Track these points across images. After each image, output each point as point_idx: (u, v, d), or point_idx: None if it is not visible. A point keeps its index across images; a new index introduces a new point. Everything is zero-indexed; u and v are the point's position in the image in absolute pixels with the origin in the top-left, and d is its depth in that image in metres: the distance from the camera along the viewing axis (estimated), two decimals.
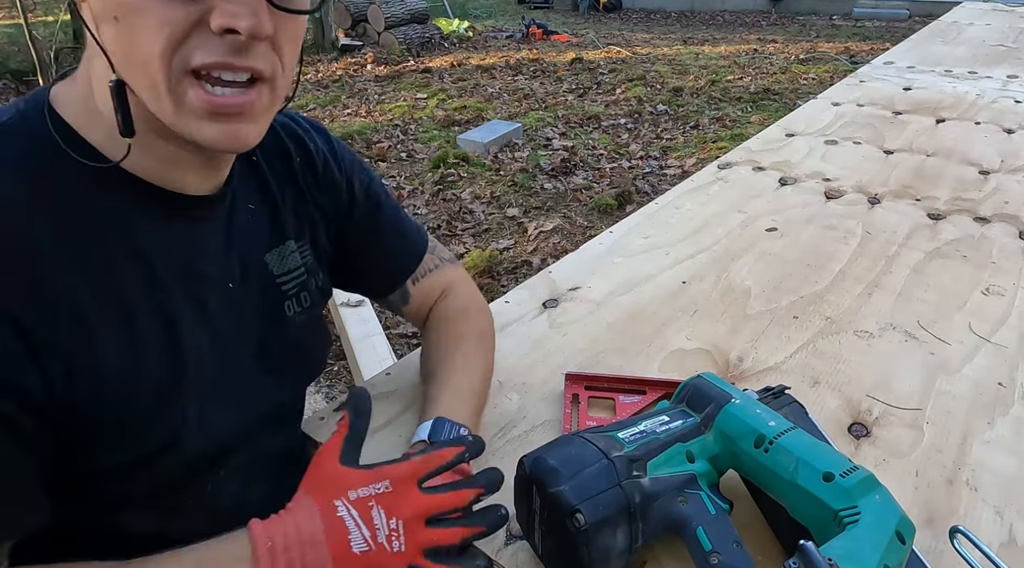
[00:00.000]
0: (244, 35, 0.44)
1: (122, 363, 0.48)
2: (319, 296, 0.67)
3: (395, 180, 3.78)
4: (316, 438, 0.68)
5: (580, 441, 0.51)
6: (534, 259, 2.93)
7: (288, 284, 0.63)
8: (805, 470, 0.48)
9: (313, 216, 0.68)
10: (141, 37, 0.44)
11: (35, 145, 0.47)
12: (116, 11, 0.44)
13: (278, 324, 0.62)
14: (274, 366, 0.62)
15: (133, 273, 0.50)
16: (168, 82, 0.45)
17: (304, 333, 0.65)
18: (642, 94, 5.20)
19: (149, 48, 0.44)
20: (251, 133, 0.49)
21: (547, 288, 0.94)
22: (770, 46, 6.98)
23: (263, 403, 0.61)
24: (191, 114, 0.46)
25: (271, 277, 0.62)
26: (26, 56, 5.48)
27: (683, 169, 3.74)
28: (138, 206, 0.51)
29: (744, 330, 0.84)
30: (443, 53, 7.06)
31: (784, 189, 1.23)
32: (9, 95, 5.78)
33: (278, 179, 0.64)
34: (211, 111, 0.46)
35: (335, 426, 0.53)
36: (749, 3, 9.58)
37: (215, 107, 0.46)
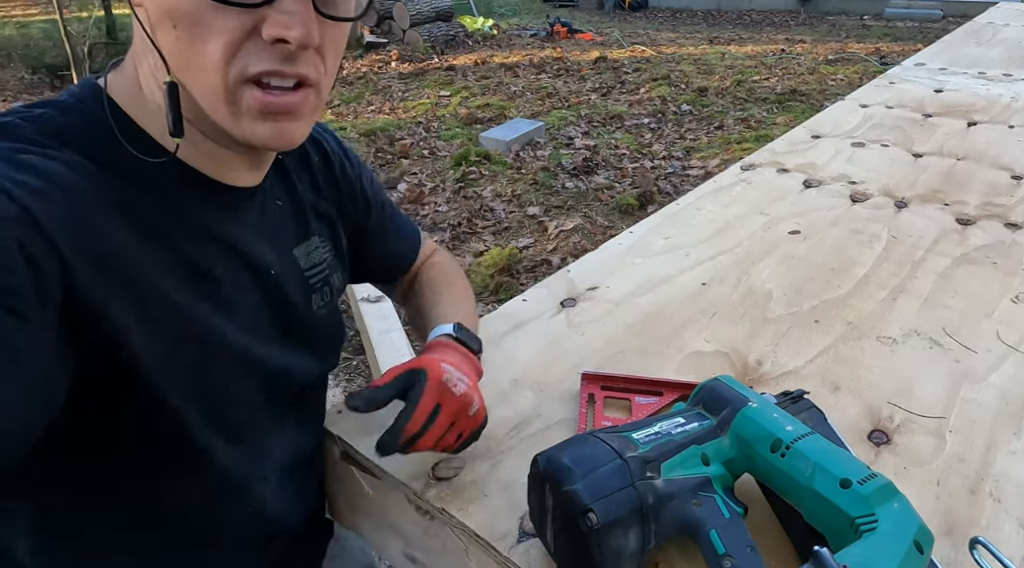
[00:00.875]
0: (294, 45, 0.46)
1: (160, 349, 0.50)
2: (338, 292, 0.70)
3: (417, 177, 3.80)
4: (333, 431, 0.69)
5: (594, 440, 0.51)
6: (554, 258, 2.93)
7: (314, 279, 0.65)
8: (822, 476, 0.48)
9: (331, 214, 0.70)
10: (198, 45, 0.46)
11: (94, 125, 0.50)
12: (174, 19, 0.46)
13: (306, 316, 0.64)
14: (300, 352, 0.64)
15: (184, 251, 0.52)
16: (226, 89, 0.48)
17: (326, 326, 0.67)
18: (666, 94, 5.17)
19: (207, 56, 0.47)
20: (298, 132, 0.51)
21: (565, 287, 0.94)
22: (798, 46, 6.88)
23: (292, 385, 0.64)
24: (246, 116, 0.49)
25: (300, 271, 0.64)
26: (60, 51, 5.60)
27: (706, 170, 3.71)
28: (189, 193, 0.53)
29: (764, 333, 0.83)
30: (467, 51, 7.07)
31: (808, 191, 1.22)
32: (43, 89, 5.92)
33: (300, 178, 0.66)
34: (264, 112, 0.48)
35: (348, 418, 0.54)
36: (777, 2, 9.46)
37: (268, 107, 0.48)
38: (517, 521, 0.58)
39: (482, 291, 2.76)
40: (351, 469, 0.68)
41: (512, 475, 0.62)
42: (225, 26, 0.46)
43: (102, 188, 0.47)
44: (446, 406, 0.59)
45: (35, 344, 0.40)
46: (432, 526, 0.61)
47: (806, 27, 8.33)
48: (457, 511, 0.59)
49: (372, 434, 0.68)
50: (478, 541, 0.57)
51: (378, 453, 0.59)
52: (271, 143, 0.51)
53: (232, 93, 0.48)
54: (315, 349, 0.66)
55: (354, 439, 0.67)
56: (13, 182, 0.42)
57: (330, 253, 0.68)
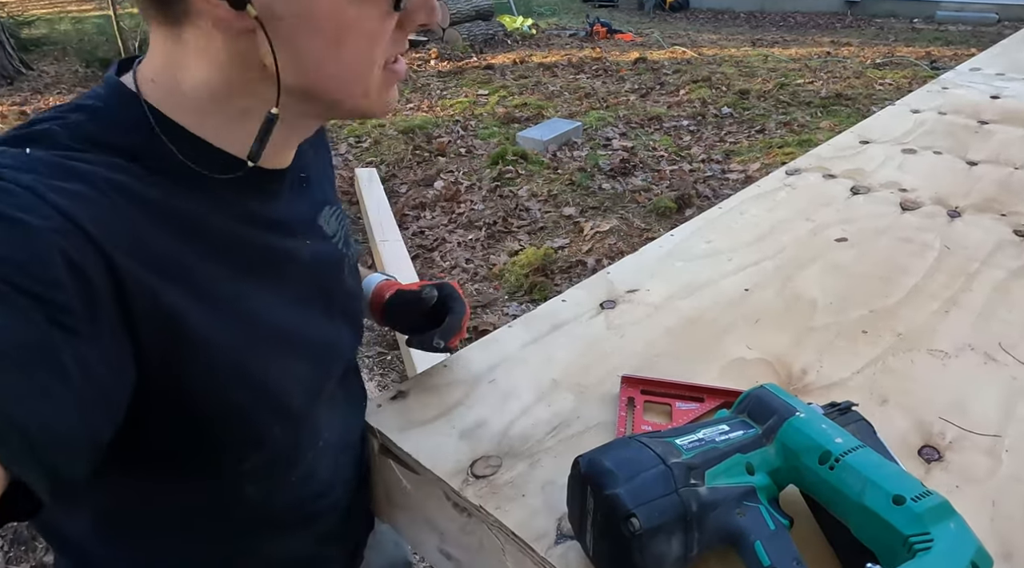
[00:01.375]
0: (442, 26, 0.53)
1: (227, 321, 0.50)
2: (354, 253, 0.72)
3: (453, 175, 3.82)
4: (373, 424, 0.69)
5: (637, 445, 0.51)
6: (589, 259, 2.92)
7: (340, 244, 0.67)
8: (873, 491, 0.47)
9: (332, 178, 0.72)
10: (363, 51, 0.49)
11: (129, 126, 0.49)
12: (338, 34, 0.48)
13: (340, 281, 0.66)
14: (338, 321, 0.65)
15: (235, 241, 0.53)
16: (375, 78, 0.51)
17: (351, 291, 0.69)
18: (706, 96, 5.10)
19: (371, 59, 0.50)
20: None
21: (605, 289, 0.93)
22: (844, 49, 6.72)
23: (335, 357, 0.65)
24: (383, 93, 0.53)
25: (328, 239, 0.65)
26: (113, 46, 5.79)
27: (746, 174, 3.65)
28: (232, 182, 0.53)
29: (808, 342, 0.81)
30: (506, 50, 7.08)
31: (856, 198, 1.19)
32: (97, 82, 6.12)
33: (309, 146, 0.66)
34: (392, 83, 0.54)
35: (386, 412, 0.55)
36: (823, 4, 9.25)
37: (400, 77, 0.54)
38: (555, 522, 0.57)
39: (516, 290, 2.76)
40: (389, 463, 0.69)
41: (550, 476, 0.62)
42: (383, 27, 0.49)
43: (145, 188, 0.47)
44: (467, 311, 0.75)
45: (87, 357, 0.40)
46: (469, 523, 0.62)
47: (853, 29, 8.13)
48: (494, 509, 0.59)
49: (411, 429, 0.69)
50: (515, 540, 0.57)
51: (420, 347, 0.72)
52: (393, 105, 0.55)
53: (378, 79, 0.52)
54: (351, 319, 0.68)
55: (393, 433, 0.68)
56: (55, 190, 0.42)
57: (344, 218, 0.70)
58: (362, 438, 0.73)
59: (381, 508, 0.75)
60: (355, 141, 4.46)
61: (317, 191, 0.65)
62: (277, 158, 0.57)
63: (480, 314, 2.61)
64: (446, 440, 0.67)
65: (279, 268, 0.57)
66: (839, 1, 9.18)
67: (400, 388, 0.75)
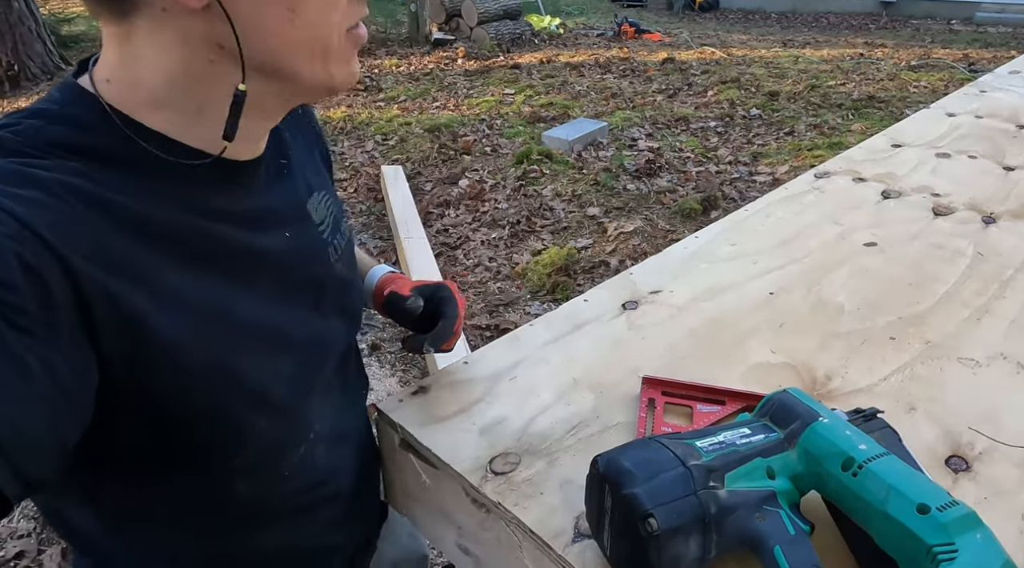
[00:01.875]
0: None
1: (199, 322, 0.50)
2: (347, 241, 0.70)
3: (478, 173, 3.84)
4: (394, 419, 0.70)
5: (657, 445, 0.51)
6: (612, 260, 2.91)
7: (326, 232, 0.65)
8: (897, 499, 0.46)
9: (321, 168, 0.70)
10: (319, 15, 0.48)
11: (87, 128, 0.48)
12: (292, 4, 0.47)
13: (328, 270, 0.64)
14: (328, 311, 0.64)
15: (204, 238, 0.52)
16: (339, 44, 0.51)
17: (344, 279, 0.67)
18: (735, 97, 5.04)
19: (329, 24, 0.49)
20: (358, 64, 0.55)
21: (627, 289, 0.93)
22: (878, 51, 6.59)
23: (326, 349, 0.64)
24: (346, 62, 0.52)
25: (315, 226, 0.64)
26: None
27: (774, 176, 3.60)
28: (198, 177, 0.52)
29: (834, 348, 0.80)
30: (533, 49, 7.08)
31: (887, 203, 1.17)
32: None
33: (294, 135, 0.66)
34: (353, 52, 0.53)
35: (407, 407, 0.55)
36: (857, 5, 9.07)
37: (361, 42, 0.53)
38: (572, 521, 0.57)
39: (538, 290, 2.76)
40: (409, 457, 0.70)
41: (569, 474, 0.62)
42: None
43: (104, 191, 0.46)
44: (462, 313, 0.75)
45: (46, 358, 0.40)
46: (487, 519, 0.62)
47: (887, 31, 7.97)
48: (512, 506, 0.59)
49: (431, 424, 0.69)
50: (533, 538, 0.57)
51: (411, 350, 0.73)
52: (354, 77, 0.54)
53: (341, 46, 0.51)
54: (344, 307, 0.67)
55: (414, 428, 0.69)
56: (10, 197, 0.41)
57: (332, 203, 0.68)
58: (365, 426, 0.73)
59: (399, 502, 0.76)
60: (382, 139, 4.49)
61: (300, 178, 0.64)
62: (245, 148, 0.55)
63: (502, 312, 2.61)
64: (466, 436, 0.67)
65: (253, 264, 0.56)
66: (874, 1, 9.01)
67: (421, 383, 0.76)
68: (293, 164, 0.64)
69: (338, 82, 0.53)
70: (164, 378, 0.48)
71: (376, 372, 2.26)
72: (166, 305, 0.48)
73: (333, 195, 0.70)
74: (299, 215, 0.62)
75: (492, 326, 2.51)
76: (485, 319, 2.57)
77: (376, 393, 2.13)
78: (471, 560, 0.67)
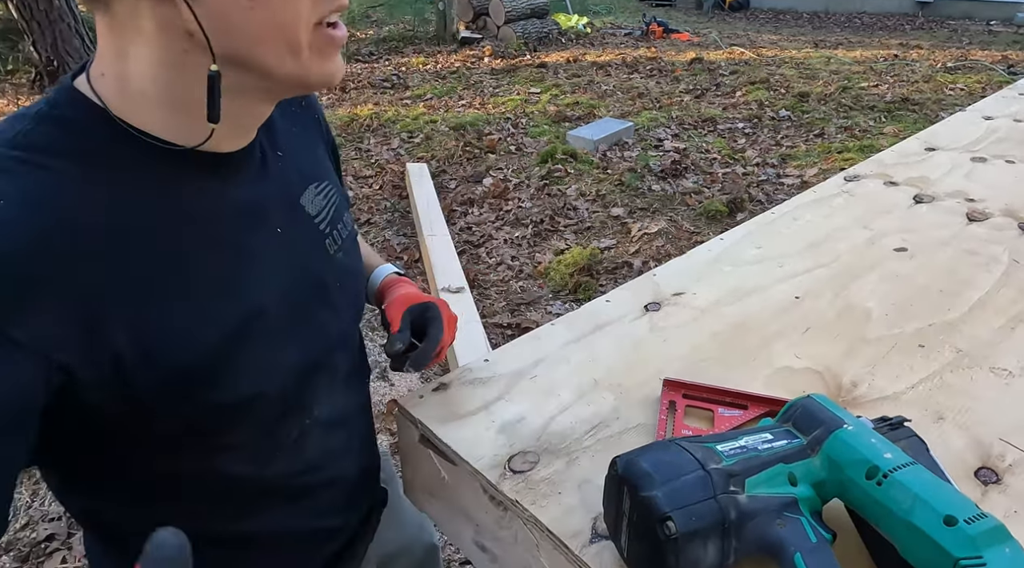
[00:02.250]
0: None
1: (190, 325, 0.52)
2: (349, 232, 0.70)
3: (502, 172, 3.84)
4: (414, 414, 0.71)
5: (677, 448, 0.50)
6: (635, 261, 2.89)
7: (323, 224, 0.66)
8: (923, 510, 0.45)
9: (323, 160, 0.71)
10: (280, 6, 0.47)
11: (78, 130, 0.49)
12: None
13: (325, 262, 0.65)
14: (329, 301, 0.65)
15: (190, 236, 0.53)
16: (307, 40, 0.49)
17: (345, 268, 0.68)
18: (764, 98, 4.97)
19: (294, 15, 0.48)
20: (343, 63, 0.55)
21: (650, 291, 0.92)
22: (913, 52, 6.45)
23: (327, 339, 0.65)
24: (319, 59, 0.51)
25: (310, 218, 0.64)
26: None
27: (802, 179, 3.55)
28: (183, 173, 0.53)
29: (861, 354, 0.78)
30: (560, 48, 7.06)
31: (919, 207, 1.14)
32: None
33: (292, 126, 0.66)
34: (331, 50, 0.52)
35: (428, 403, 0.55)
36: (892, 5, 8.89)
37: (337, 42, 0.52)
38: (590, 521, 0.57)
39: (560, 289, 2.76)
40: (428, 453, 0.70)
41: (587, 475, 0.62)
42: None
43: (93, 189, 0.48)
44: (449, 333, 0.74)
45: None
46: (504, 517, 0.62)
47: (923, 32, 7.79)
48: (530, 505, 0.59)
49: (451, 420, 0.70)
50: (550, 537, 0.57)
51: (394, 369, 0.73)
52: (336, 78, 0.53)
53: (310, 42, 0.50)
54: (340, 298, 0.67)
55: (433, 424, 0.69)
56: None
57: (334, 194, 0.69)
58: (365, 413, 0.74)
59: (418, 497, 0.77)
60: (407, 136, 4.52)
61: (295, 170, 0.64)
62: (232, 140, 0.55)
63: (523, 311, 2.61)
64: (485, 433, 0.68)
65: (246, 258, 0.56)
66: (910, 2, 8.82)
67: (442, 380, 0.76)
68: (288, 156, 0.64)
69: (313, 80, 0.52)
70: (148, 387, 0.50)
71: None
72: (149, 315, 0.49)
73: (336, 185, 0.70)
74: (291, 208, 0.62)
75: (513, 325, 2.51)
76: (507, 318, 2.57)
77: (397, 389, 2.14)
78: (488, 557, 0.67)
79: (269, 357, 0.57)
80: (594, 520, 0.57)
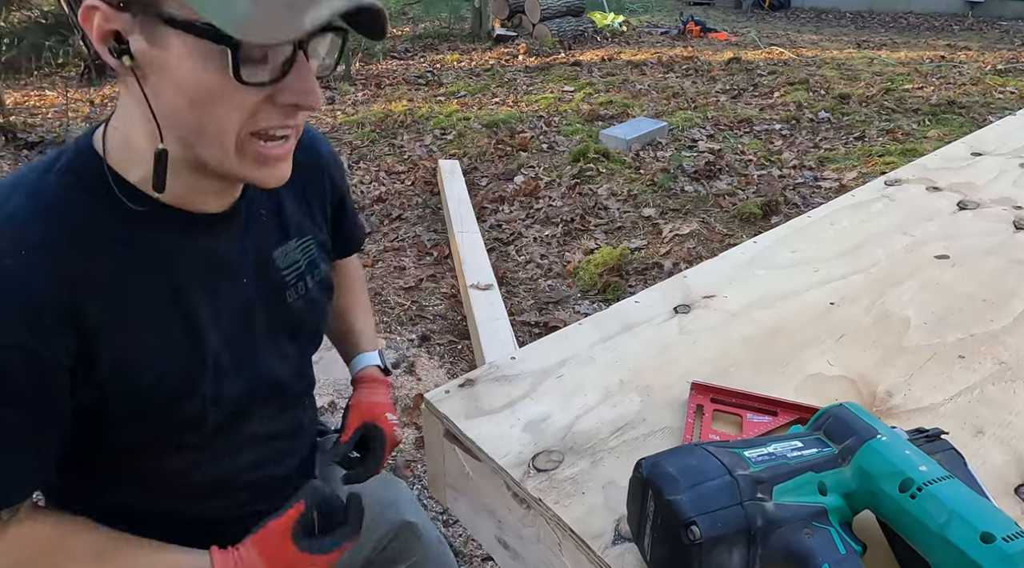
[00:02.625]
0: (315, 110, 0.58)
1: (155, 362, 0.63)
2: (318, 284, 0.80)
3: (534, 170, 3.84)
4: (440, 409, 0.71)
5: (703, 453, 0.50)
6: (666, 262, 2.86)
7: (290, 276, 0.75)
8: (959, 526, 0.44)
9: (315, 215, 0.80)
10: (218, 116, 0.54)
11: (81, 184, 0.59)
12: (192, 95, 0.53)
13: (280, 309, 0.75)
14: (275, 344, 0.76)
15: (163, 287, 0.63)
16: (236, 146, 0.56)
17: (302, 315, 0.78)
18: (802, 99, 4.87)
19: (225, 124, 0.54)
20: (287, 170, 0.62)
21: (680, 292, 0.91)
22: (961, 53, 6.25)
23: (269, 374, 0.75)
24: (251, 164, 0.58)
25: (278, 271, 0.74)
26: None
27: (840, 183, 3.47)
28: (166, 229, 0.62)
29: (897, 363, 0.76)
30: (595, 47, 7.02)
31: (963, 214, 1.11)
32: None
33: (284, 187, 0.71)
34: (265, 161, 0.59)
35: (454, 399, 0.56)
36: (940, 5, 8.62)
37: (268, 159, 0.59)
38: (613, 523, 0.57)
39: (589, 289, 2.74)
40: (453, 448, 0.71)
41: (611, 476, 0.62)
42: (245, 99, 0.54)
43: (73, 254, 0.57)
44: (390, 449, 0.90)
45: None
46: (527, 515, 0.62)
47: (973, 32, 7.54)
48: (553, 503, 0.59)
49: (476, 417, 0.70)
50: (572, 537, 0.57)
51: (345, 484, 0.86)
52: (270, 184, 0.61)
53: (240, 148, 0.57)
54: (296, 337, 0.79)
55: (459, 420, 0.69)
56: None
57: (312, 248, 0.78)
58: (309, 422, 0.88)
59: (440, 492, 0.77)
60: (440, 133, 4.55)
61: (274, 228, 0.73)
62: (210, 202, 0.64)
63: (551, 310, 2.61)
64: (510, 431, 0.68)
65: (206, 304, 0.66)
66: (959, 2, 8.54)
67: (469, 376, 0.77)
68: (273, 215, 0.74)
69: (250, 181, 0.60)
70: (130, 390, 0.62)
71: (425, 363, 2.30)
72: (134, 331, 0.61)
73: (317, 239, 0.80)
74: (261, 263, 0.72)
75: (541, 323, 2.51)
76: (534, 316, 2.57)
77: (424, 384, 2.16)
78: (509, 554, 0.68)
79: (215, 388, 0.67)
80: (617, 522, 0.57)
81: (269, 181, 0.60)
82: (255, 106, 0.55)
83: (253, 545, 0.69)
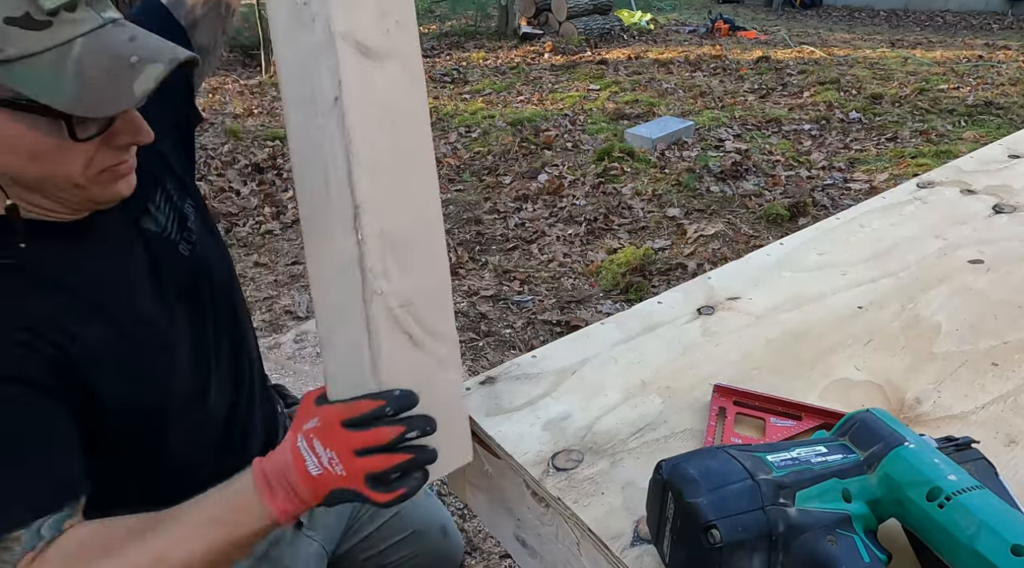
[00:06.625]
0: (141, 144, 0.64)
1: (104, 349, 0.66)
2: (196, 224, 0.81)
3: (558, 168, 3.83)
4: None
5: (725, 456, 0.49)
6: (690, 263, 2.83)
7: (170, 231, 0.77)
8: (989, 537, 0.43)
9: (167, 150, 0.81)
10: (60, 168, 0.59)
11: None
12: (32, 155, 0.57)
13: (183, 263, 0.78)
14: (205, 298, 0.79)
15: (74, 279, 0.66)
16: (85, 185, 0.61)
17: (202, 259, 0.80)
18: (833, 99, 4.78)
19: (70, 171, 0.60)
20: (134, 178, 0.67)
21: (704, 294, 0.90)
22: (1000, 53, 6.08)
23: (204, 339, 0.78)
24: (101, 189, 0.63)
25: (157, 235, 0.76)
26: (254, 32, 6.24)
27: (871, 185, 3.40)
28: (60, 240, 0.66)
29: (927, 370, 0.75)
30: (621, 45, 6.98)
31: (998, 217, 1.08)
32: (236, 66, 6.62)
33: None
34: (114, 178, 0.64)
35: (474, 396, 0.56)
36: (979, 3, 8.40)
37: (116, 176, 0.64)
38: (632, 524, 0.57)
39: (612, 288, 2.73)
40: (473, 445, 0.71)
41: (631, 477, 0.61)
42: (80, 150, 0.59)
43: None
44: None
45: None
46: (546, 514, 0.62)
47: (1013, 32, 7.34)
48: (572, 503, 0.59)
49: (497, 414, 0.70)
50: (591, 537, 0.57)
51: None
52: (125, 195, 0.66)
53: (92, 181, 0.61)
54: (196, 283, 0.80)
55: (480, 417, 0.70)
56: None
57: (176, 195, 0.79)
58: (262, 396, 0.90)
59: (460, 489, 0.77)
60: (465, 130, 4.56)
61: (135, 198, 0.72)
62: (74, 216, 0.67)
63: (573, 309, 2.60)
64: (530, 429, 0.68)
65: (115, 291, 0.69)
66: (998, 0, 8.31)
67: (489, 374, 0.77)
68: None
69: (103, 202, 0.65)
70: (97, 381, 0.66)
71: None
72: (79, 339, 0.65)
73: (177, 186, 0.80)
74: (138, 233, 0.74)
75: (563, 322, 2.50)
76: (556, 315, 2.57)
77: None
78: (528, 552, 0.68)
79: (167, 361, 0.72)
80: (636, 523, 0.57)
81: (125, 192, 0.65)
82: (92, 152, 0.60)
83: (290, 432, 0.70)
